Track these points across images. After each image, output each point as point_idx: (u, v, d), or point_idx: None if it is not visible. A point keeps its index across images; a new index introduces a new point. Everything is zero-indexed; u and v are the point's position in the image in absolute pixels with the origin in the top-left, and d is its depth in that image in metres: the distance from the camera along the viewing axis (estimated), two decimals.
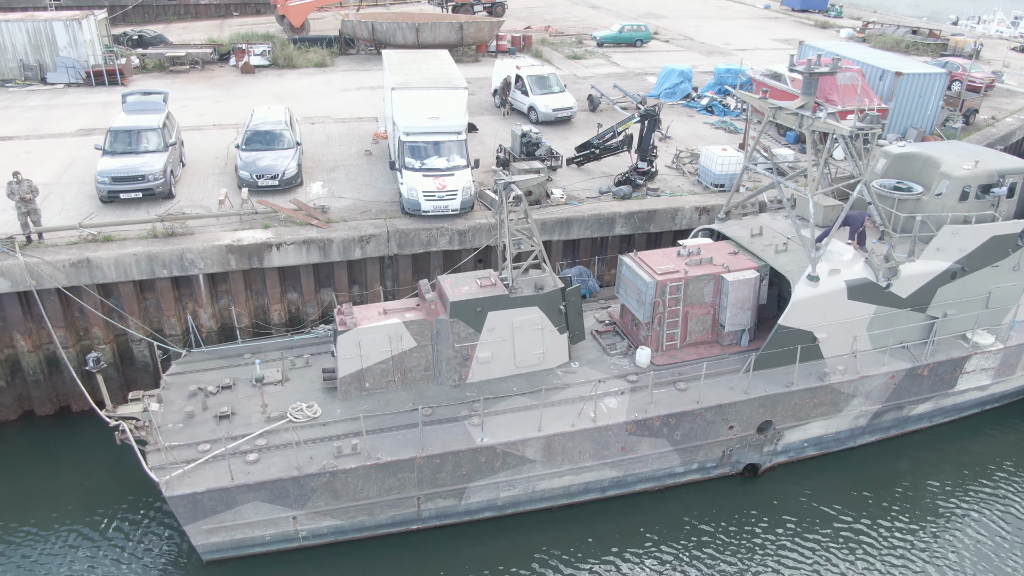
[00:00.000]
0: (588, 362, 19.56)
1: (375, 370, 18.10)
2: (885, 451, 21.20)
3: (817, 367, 19.38)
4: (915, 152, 21.74)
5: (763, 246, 20.52)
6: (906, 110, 31.20)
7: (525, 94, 32.02)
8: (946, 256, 19.91)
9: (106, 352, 20.98)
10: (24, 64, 36.01)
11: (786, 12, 69.18)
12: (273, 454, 16.45)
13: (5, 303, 19.81)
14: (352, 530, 17.35)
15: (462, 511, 17.87)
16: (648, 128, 25.04)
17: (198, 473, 15.92)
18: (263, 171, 23.42)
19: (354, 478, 16.44)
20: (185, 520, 16.03)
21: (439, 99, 22.75)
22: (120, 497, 18.53)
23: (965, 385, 20.98)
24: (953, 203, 20.32)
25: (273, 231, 21.28)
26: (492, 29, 44.65)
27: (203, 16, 66.74)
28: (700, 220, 24.14)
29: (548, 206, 23.62)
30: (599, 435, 17.69)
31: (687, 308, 19.61)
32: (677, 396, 18.45)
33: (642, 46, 50.00)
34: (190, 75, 39.13)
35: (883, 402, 20.12)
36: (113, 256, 19.84)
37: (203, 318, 21.41)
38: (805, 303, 18.85)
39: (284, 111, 26.19)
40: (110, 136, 23.36)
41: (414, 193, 21.93)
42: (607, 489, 18.82)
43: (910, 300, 19.84)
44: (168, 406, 17.87)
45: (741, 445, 19.33)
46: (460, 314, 17.94)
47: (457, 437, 17.06)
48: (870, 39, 54.02)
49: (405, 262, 22.38)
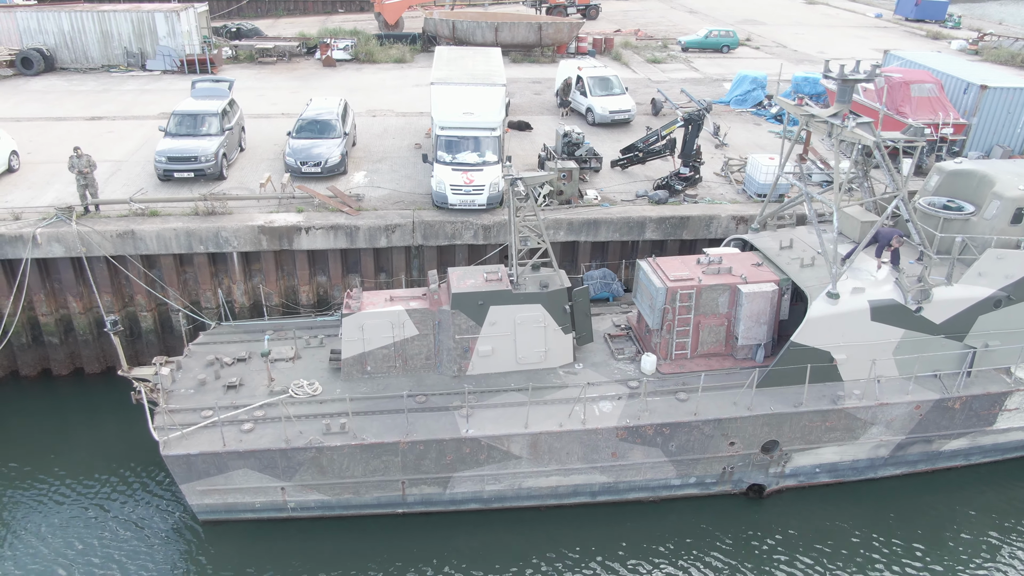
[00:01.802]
0: (593, 364, 19.33)
1: (377, 354, 18.57)
2: (911, 486, 19.82)
3: (834, 389, 18.39)
4: (971, 169, 20.22)
5: (789, 259, 19.65)
6: (992, 126, 28.93)
7: (584, 95, 31.85)
8: (989, 282, 18.41)
9: (147, 319, 22.53)
10: (127, 51, 39.00)
11: (899, 22, 65.36)
12: (267, 426, 17.20)
13: (61, 267, 21.60)
14: (339, 507, 17.89)
15: (447, 500, 18.08)
16: (691, 133, 24.43)
17: (195, 436, 16.86)
18: (307, 158, 24.45)
19: (339, 456, 16.96)
20: (180, 479, 17.02)
21: (475, 95, 23.07)
22: (136, 453, 19.79)
23: (1007, 424, 19.35)
24: (1004, 226, 18.78)
25: (305, 215, 22.20)
26: (571, 30, 44.60)
27: (310, 12, 70.09)
28: (737, 230, 23.35)
29: (579, 206, 23.47)
30: (588, 438, 17.47)
31: (699, 317, 19.04)
32: (675, 406, 17.96)
33: (729, 52, 48.62)
34: (276, 66, 41.20)
35: (907, 433, 18.84)
36: (156, 230, 21.26)
37: (236, 294, 22.58)
38: (822, 321, 17.92)
39: (338, 103, 27.20)
40: (173, 119, 25.03)
41: (442, 186, 22.32)
42: (597, 494, 18.55)
43: (945, 327, 18.48)
44: (185, 372, 19.01)
45: (744, 464, 18.59)
46: (462, 306, 18.14)
47: (444, 426, 17.28)
48: (983, 52, 50.34)
49: (430, 253, 22.81)
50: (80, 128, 29.71)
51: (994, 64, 47.80)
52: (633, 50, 47.80)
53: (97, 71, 38.77)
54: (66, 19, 38.16)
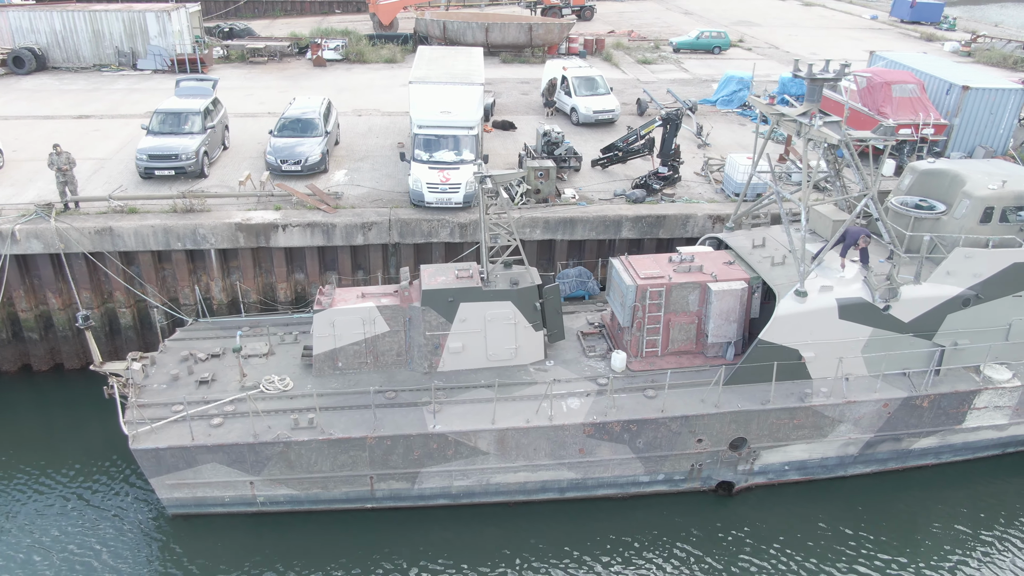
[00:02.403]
0: (564, 362, 19.43)
1: (348, 350, 18.70)
2: (882, 484, 19.89)
3: (802, 387, 18.48)
4: (943, 169, 20.29)
5: (761, 258, 19.73)
6: (974, 127, 28.96)
7: (569, 95, 31.98)
8: (958, 281, 18.48)
9: (126, 316, 22.69)
10: (119, 51, 39.24)
11: (894, 23, 65.37)
12: (236, 420, 17.33)
13: (40, 263, 21.78)
14: (308, 501, 18.02)
15: (416, 495, 18.20)
16: (669, 132, 24.53)
17: (164, 431, 17.00)
18: (287, 157, 24.61)
19: (307, 450, 17.09)
20: (150, 473, 17.16)
21: (452, 94, 23.21)
22: (113, 447, 19.93)
23: (976, 423, 19.39)
24: (973, 225, 18.84)
25: (282, 213, 22.35)
26: (562, 31, 44.73)
27: (307, 13, 70.35)
28: (713, 228, 23.44)
29: (556, 205, 23.58)
30: (555, 434, 17.58)
31: (670, 315, 19.14)
32: (643, 403, 18.05)
33: (720, 53, 48.70)
34: (266, 66, 41.42)
35: (876, 431, 18.91)
36: (133, 227, 21.42)
37: (214, 291, 22.74)
38: (789, 319, 18.01)
39: (320, 102, 27.36)
40: (155, 117, 25.22)
41: (418, 184, 22.46)
42: (566, 490, 18.64)
43: (913, 325, 18.55)
44: (159, 368, 19.15)
45: (712, 461, 18.67)
46: (432, 303, 18.26)
47: (412, 421, 17.40)
48: (975, 53, 50.37)
49: (407, 251, 22.93)
50: (67, 126, 29.92)
51: (985, 66, 47.87)
52: (624, 51, 47.93)
53: (88, 70, 39.02)
54: (58, 18, 38.43)
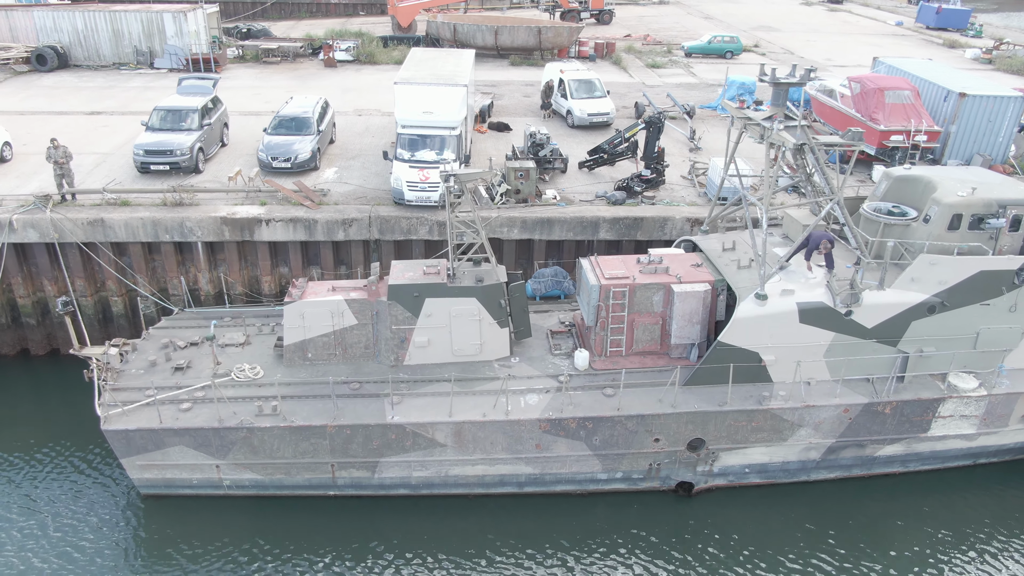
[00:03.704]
0: (529, 359, 19.76)
1: (317, 342, 19.26)
2: (848, 490, 19.82)
3: (762, 390, 18.56)
4: (916, 175, 20.19)
5: (728, 261, 19.85)
6: (972, 134, 28.61)
7: (566, 98, 32.28)
8: (922, 288, 18.39)
9: (118, 304, 23.59)
10: (137, 50, 40.54)
11: (919, 30, 64.33)
12: (205, 406, 17.98)
13: (36, 252, 22.77)
14: (272, 486, 18.61)
15: (376, 484, 18.67)
16: (651, 135, 24.72)
17: (135, 414, 17.72)
18: (278, 154, 25.35)
19: (270, 436, 17.68)
20: (120, 453, 17.91)
21: (436, 95, 23.70)
22: (95, 429, 20.75)
23: (942, 431, 19.26)
24: (941, 231, 18.71)
25: (267, 208, 23.04)
26: (571, 34, 45.03)
27: (332, 14, 71.61)
28: (692, 231, 23.55)
29: (536, 205, 23.93)
30: (511, 429, 17.92)
31: (634, 316, 19.35)
32: (601, 401, 18.30)
33: (732, 58, 48.53)
34: (279, 66, 42.41)
35: (837, 437, 18.90)
36: (124, 218, 22.29)
37: (201, 283, 23.53)
38: (749, 321, 18.11)
39: (316, 101, 28.06)
40: (154, 114, 26.15)
41: (399, 183, 22.99)
42: (524, 485, 18.96)
43: (876, 331, 18.51)
44: (139, 354, 19.91)
45: (670, 461, 18.84)
46: (398, 297, 18.75)
47: (372, 412, 17.89)
48: (997, 61, 49.48)
49: (388, 247, 23.47)
50: (78, 122, 31.09)
51: (1006, 73, 47.05)
52: (635, 55, 48.05)
53: (108, 68, 40.39)
54: (80, 18, 39.85)
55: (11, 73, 38.68)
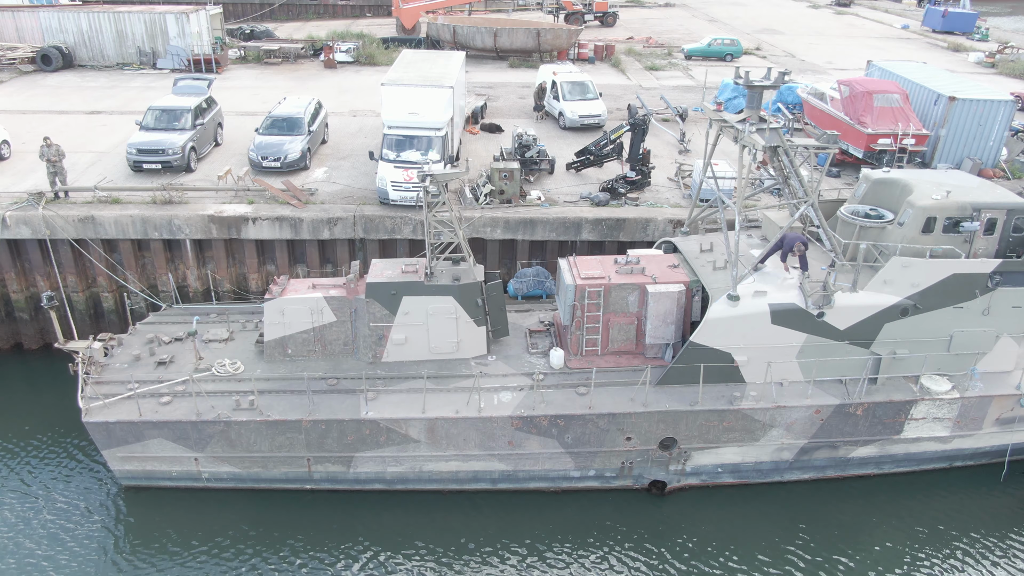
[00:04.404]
0: (506, 357, 20.00)
1: (297, 338, 19.60)
2: (823, 491, 19.92)
3: (735, 390, 18.71)
4: (894, 178, 20.26)
5: (705, 262, 20.03)
6: (962, 138, 28.58)
7: (558, 99, 32.51)
8: (895, 290, 18.49)
9: (108, 300, 24.04)
10: (140, 50, 41.15)
11: (924, 33, 64.04)
12: (184, 400, 18.35)
13: (29, 248, 23.25)
14: (250, 479, 18.95)
15: (351, 479, 18.97)
16: (636, 137, 24.91)
17: (116, 406, 18.12)
18: (268, 153, 25.75)
19: (246, 430, 18.01)
20: (101, 445, 18.30)
21: (422, 96, 23.99)
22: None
23: (915, 434, 19.33)
24: (915, 234, 18.79)
25: (254, 207, 23.42)
26: (570, 37, 45.24)
27: (339, 16, 72.17)
28: (674, 233, 23.71)
29: (519, 206, 24.17)
30: (483, 425, 18.16)
31: (609, 315, 19.55)
32: (573, 399, 18.52)
33: (732, 60, 48.56)
34: (280, 67, 42.89)
35: (809, 438, 19.01)
36: (114, 216, 22.73)
37: (190, 280, 23.94)
38: (721, 322, 18.28)
39: (308, 102, 28.45)
40: (148, 114, 26.62)
41: (384, 183, 23.31)
42: (497, 481, 19.20)
43: (848, 333, 18.62)
44: (125, 349, 20.33)
45: (643, 459, 19.02)
46: (376, 295, 19.05)
47: (347, 407, 18.19)
48: (999, 65, 49.24)
49: (373, 246, 23.79)
50: (77, 121, 31.65)
51: (1008, 77, 46.84)
52: (635, 57, 48.19)
53: (111, 69, 41.01)
54: (84, 19, 40.51)
55: (16, 73, 39.37)
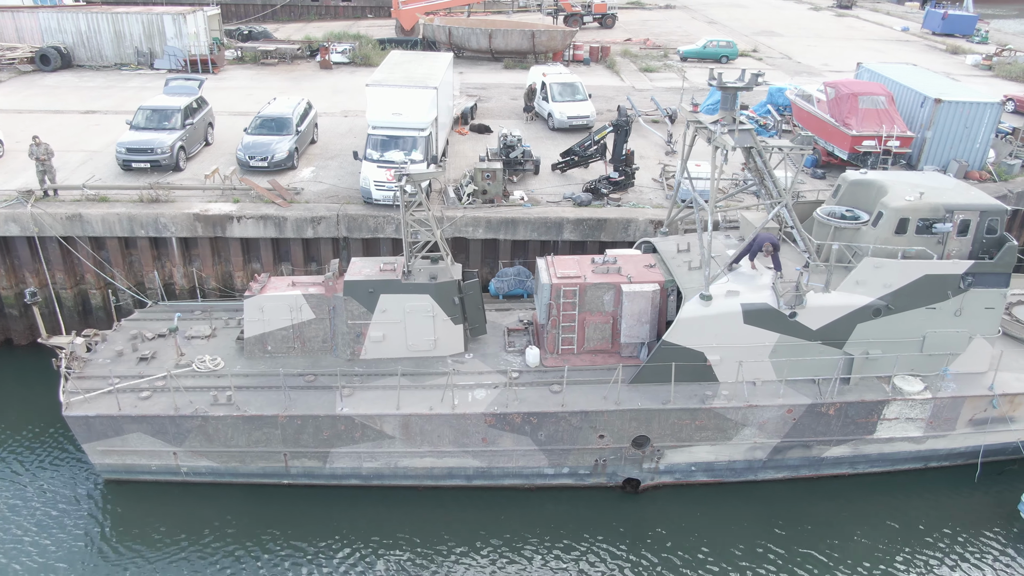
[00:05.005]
0: (483, 355, 20.21)
1: (277, 335, 19.86)
2: (798, 490, 20.05)
3: (707, 389, 18.85)
4: (870, 179, 20.36)
5: (681, 262, 20.20)
6: (948, 140, 28.62)
7: (547, 101, 32.70)
8: (867, 291, 18.61)
9: (96, 297, 24.37)
10: (138, 51, 41.56)
11: (924, 36, 63.92)
12: (164, 394, 18.64)
13: (18, 245, 23.60)
14: (228, 474, 19.21)
15: (328, 474, 19.21)
16: (619, 138, 25.09)
17: (96, 401, 18.41)
18: (255, 153, 26.05)
19: (223, 425, 18.28)
20: (82, 439, 18.61)
21: (405, 96, 24.24)
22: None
23: (888, 434, 19.43)
24: (888, 235, 18.89)
25: (239, 205, 23.70)
26: (565, 38, 45.43)
27: (341, 17, 72.63)
28: (655, 233, 23.86)
29: (502, 206, 24.38)
30: (457, 422, 18.36)
31: (584, 315, 19.74)
32: (546, 397, 18.70)
33: (727, 62, 48.64)
34: (276, 68, 43.24)
35: (782, 437, 19.15)
36: (101, 214, 23.05)
37: (176, 277, 24.23)
38: (693, 321, 18.44)
39: (298, 102, 28.75)
40: (138, 113, 26.96)
41: (367, 182, 23.57)
42: (472, 478, 19.40)
43: (821, 333, 18.76)
44: (109, 345, 20.64)
45: (616, 457, 19.18)
46: (353, 293, 19.29)
47: (322, 403, 18.43)
48: (996, 67, 49.15)
49: (357, 245, 24.03)
50: (72, 120, 32.03)
51: (1005, 80, 46.75)
52: (630, 59, 48.34)
53: (109, 69, 41.42)
54: (83, 19, 40.95)
55: (16, 73, 39.83)
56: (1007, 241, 18.83)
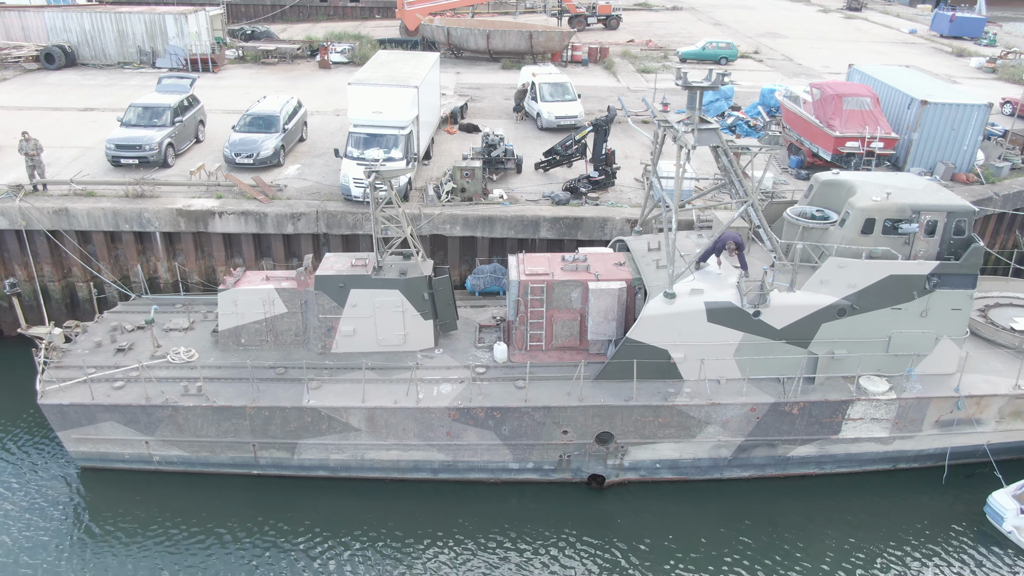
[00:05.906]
0: (452, 351, 20.46)
1: (250, 328, 20.23)
2: (764, 489, 20.11)
3: (671, 387, 18.98)
4: (840, 180, 20.41)
5: (650, 260, 20.35)
6: (935, 142, 28.50)
7: (536, 100, 32.92)
8: (832, 291, 18.65)
9: (83, 290, 24.88)
10: (140, 50, 42.26)
11: (932, 38, 63.43)
12: (137, 385, 19.05)
13: (7, 239, 24.17)
14: (199, 463, 19.60)
15: (296, 465, 19.53)
16: (598, 138, 25.25)
17: (71, 390, 18.86)
18: (241, 150, 26.51)
19: (193, 415, 18.66)
20: (57, 427, 19.07)
21: (386, 95, 24.56)
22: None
23: (853, 434, 19.45)
24: (855, 235, 18.92)
25: (221, 201, 24.13)
26: (562, 39, 45.61)
27: (348, 17, 73.29)
28: (632, 232, 24.00)
29: (480, 204, 24.63)
30: (421, 416, 18.62)
31: (552, 311, 19.94)
32: (511, 392, 18.91)
33: (727, 64, 48.55)
34: (276, 67, 43.78)
35: (746, 435, 19.23)
36: (87, 208, 23.56)
37: (160, 271, 24.70)
38: (657, 319, 18.59)
39: (287, 101, 29.18)
40: (129, 111, 27.49)
41: (346, 179, 23.92)
42: (438, 471, 19.65)
43: (785, 332, 18.82)
44: (89, 336, 21.11)
45: (580, 453, 19.36)
46: (324, 287, 19.62)
47: (290, 395, 18.77)
48: (1000, 70, 48.74)
49: (337, 241, 24.38)
50: (70, 117, 32.68)
51: (1007, 82, 46.36)
52: (629, 60, 48.43)
53: (112, 67, 42.15)
54: (87, 18, 41.71)
55: (21, 71, 40.65)
56: (974, 242, 18.80)
